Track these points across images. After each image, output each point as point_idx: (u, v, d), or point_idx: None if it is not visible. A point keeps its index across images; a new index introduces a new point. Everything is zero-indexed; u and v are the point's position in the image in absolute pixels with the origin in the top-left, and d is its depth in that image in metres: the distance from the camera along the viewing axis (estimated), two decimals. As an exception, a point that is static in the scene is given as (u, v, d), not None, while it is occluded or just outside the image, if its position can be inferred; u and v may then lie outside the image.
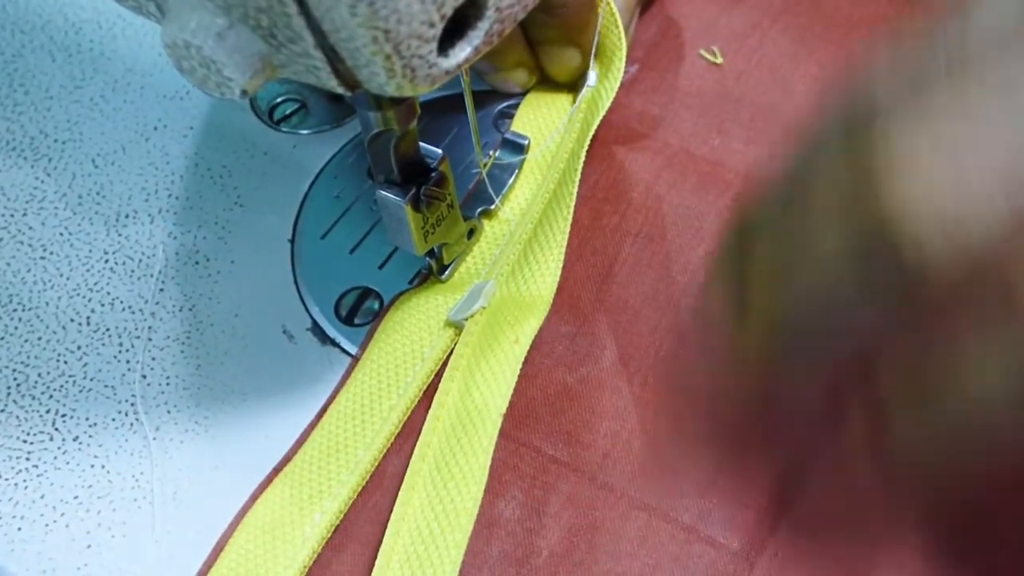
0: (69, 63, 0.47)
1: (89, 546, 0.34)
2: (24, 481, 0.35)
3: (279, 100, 0.45)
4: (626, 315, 0.38)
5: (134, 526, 0.34)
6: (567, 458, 0.35)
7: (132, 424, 0.36)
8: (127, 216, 0.42)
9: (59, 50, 0.47)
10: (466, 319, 0.37)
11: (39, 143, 0.44)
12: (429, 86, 0.27)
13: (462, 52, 0.28)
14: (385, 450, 0.35)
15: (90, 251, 0.41)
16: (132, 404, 0.37)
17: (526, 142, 0.41)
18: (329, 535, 0.34)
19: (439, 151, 0.35)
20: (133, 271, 0.40)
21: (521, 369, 0.35)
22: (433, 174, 0.35)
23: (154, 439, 0.36)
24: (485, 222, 0.40)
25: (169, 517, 0.34)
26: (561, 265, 0.38)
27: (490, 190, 0.40)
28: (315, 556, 0.33)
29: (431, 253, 0.38)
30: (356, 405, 0.36)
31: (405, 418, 0.36)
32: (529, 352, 0.36)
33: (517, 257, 0.39)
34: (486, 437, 0.34)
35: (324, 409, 0.37)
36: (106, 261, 0.41)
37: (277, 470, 0.35)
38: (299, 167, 0.43)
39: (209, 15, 0.26)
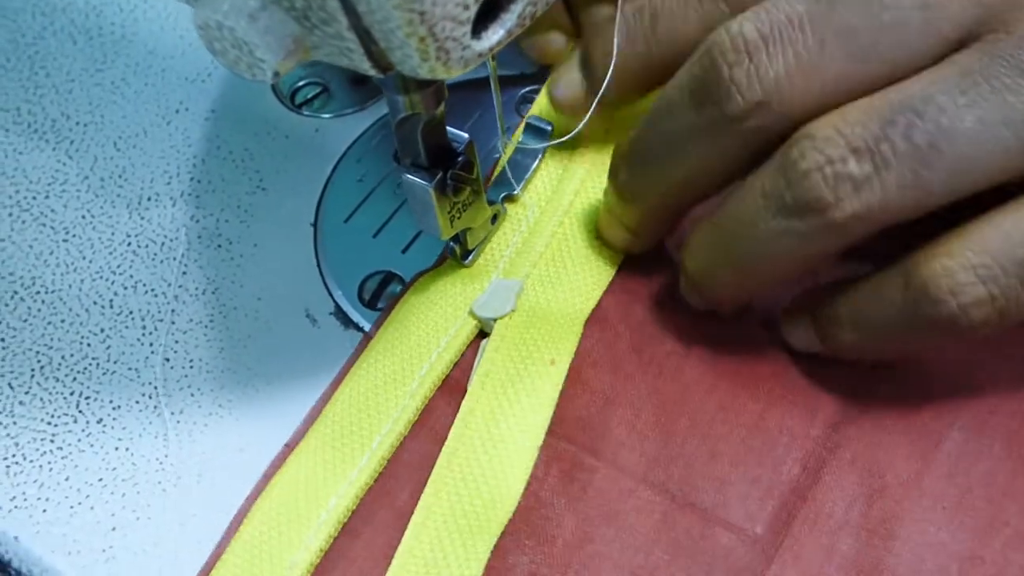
0: (90, 46, 0.47)
1: (114, 528, 0.34)
2: (49, 463, 0.35)
3: (301, 84, 0.45)
4: (640, 302, 0.38)
5: (159, 508, 0.34)
6: (580, 448, 0.34)
7: (156, 407, 0.36)
8: (149, 199, 0.42)
9: (80, 33, 0.47)
10: (494, 320, 0.37)
11: (61, 126, 0.44)
12: (462, 69, 0.27)
13: (495, 35, 0.28)
14: (403, 438, 0.35)
15: (112, 234, 0.41)
16: (155, 387, 0.37)
17: (550, 128, 0.41)
18: (345, 519, 0.33)
19: (466, 135, 0.35)
20: (156, 254, 0.40)
21: None
22: (460, 158, 0.35)
23: (178, 422, 0.36)
24: (508, 207, 0.40)
25: (193, 500, 0.34)
26: (606, 288, 0.38)
27: (510, 176, 0.40)
28: (331, 541, 0.33)
29: (455, 238, 0.38)
30: (371, 388, 0.36)
31: (423, 406, 0.36)
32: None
33: (550, 260, 0.38)
34: (521, 467, 0.34)
35: (335, 385, 0.36)
36: (128, 244, 0.41)
37: (290, 447, 0.35)
38: (322, 150, 0.43)
39: (242, -4, 0.26)
